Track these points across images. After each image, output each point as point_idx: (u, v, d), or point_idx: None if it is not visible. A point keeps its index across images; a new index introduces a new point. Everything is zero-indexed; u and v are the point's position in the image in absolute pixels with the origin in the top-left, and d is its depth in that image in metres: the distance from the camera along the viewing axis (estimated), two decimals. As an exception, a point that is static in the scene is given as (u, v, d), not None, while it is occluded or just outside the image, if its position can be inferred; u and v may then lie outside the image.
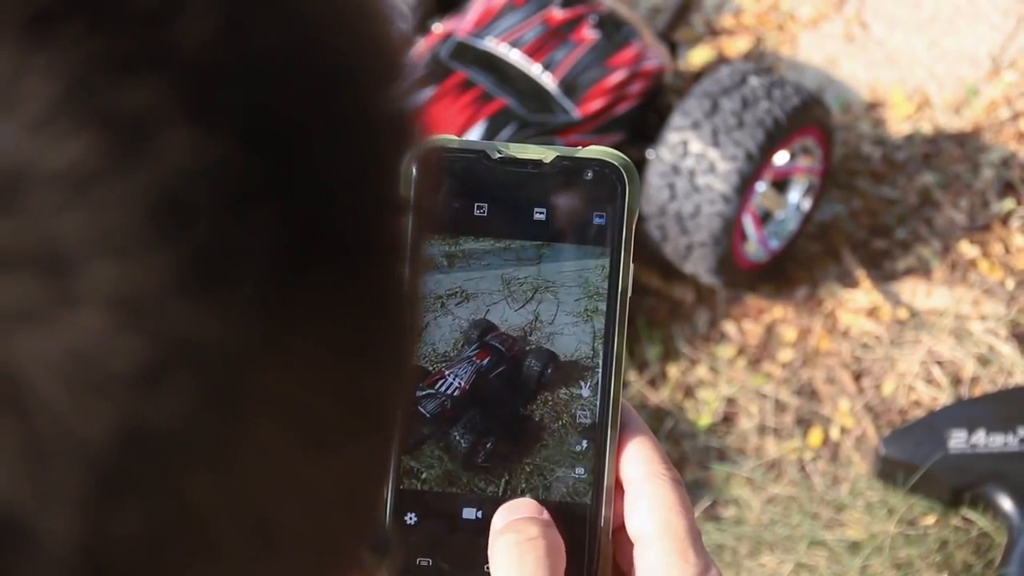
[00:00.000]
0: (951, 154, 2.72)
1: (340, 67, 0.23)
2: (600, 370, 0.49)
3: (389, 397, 0.25)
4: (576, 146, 0.50)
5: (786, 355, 2.47)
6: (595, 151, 0.49)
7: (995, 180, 2.67)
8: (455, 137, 0.50)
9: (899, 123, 2.79)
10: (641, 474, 0.48)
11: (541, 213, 0.49)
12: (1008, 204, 2.63)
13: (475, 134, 2.29)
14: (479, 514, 0.49)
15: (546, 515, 0.49)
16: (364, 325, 0.23)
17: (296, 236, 0.21)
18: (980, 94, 2.81)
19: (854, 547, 2.18)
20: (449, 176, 0.49)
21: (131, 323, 0.19)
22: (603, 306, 0.49)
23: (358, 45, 0.23)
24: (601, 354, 0.49)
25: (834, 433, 2.38)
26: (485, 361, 0.50)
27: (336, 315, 0.22)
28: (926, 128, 2.77)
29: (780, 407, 2.41)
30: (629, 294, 0.49)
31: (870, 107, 2.82)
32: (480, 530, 0.49)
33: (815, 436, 2.37)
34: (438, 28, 2.51)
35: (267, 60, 0.21)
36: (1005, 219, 2.62)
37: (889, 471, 2.16)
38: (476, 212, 0.49)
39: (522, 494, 0.49)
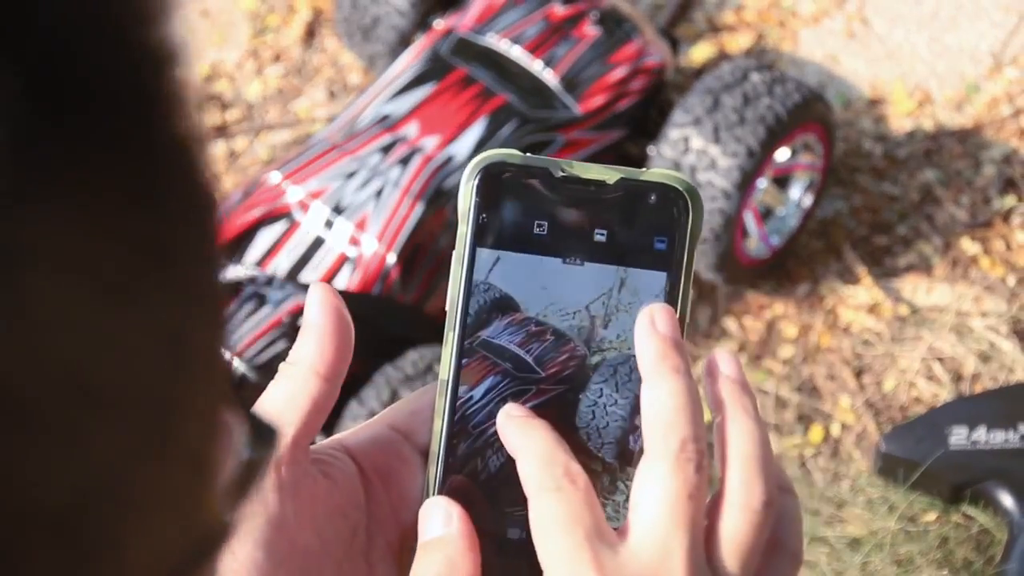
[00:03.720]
0: (952, 151, 2.72)
1: None
2: None
3: (189, 249, 0.24)
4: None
5: (787, 351, 2.47)
6: (659, 174, 0.48)
7: (996, 177, 2.67)
8: (519, 153, 0.49)
9: (900, 120, 2.79)
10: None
11: (602, 235, 0.48)
12: (1009, 201, 2.63)
13: (475, 131, 2.29)
14: (523, 535, 0.47)
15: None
16: (139, 173, 0.22)
17: (33, 83, 0.20)
18: (981, 91, 2.80)
19: (854, 544, 2.18)
20: (510, 192, 0.48)
21: None
22: None
23: None
24: None
25: (835, 430, 2.37)
26: (540, 380, 0.48)
27: (104, 163, 0.21)
28: (927, 125, 2.77)
29: (781, 404, 2.41)
30: (688, 320, 0.48)
31: (871, 104, 2.82)
32: (523, 551, 0.47)
33: (816, 433, 2.37)
34: (439, 24, 2.51)
35: None
36: (1006, 216, 2.62)
37: (890, 468, 2.16)
38: (536, 230, 0.48)
39: None
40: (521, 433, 0.47)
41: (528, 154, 0.48)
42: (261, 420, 0.29)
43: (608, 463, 0.48)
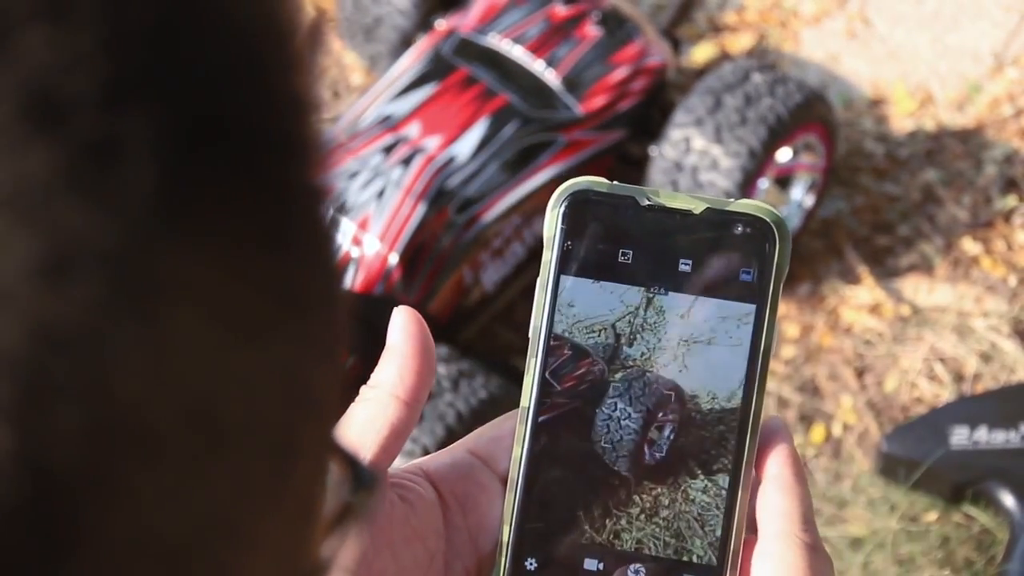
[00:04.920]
0: (954, 151, 2.73)
1: None
2: (736, 430, 0.48)
3: (316, 294, 0.24)
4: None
5: (788, 352, 2.47)
6: (747, 205, 0.48)
7: (998, 177, 2.67)
8: (605, 180, 0.49)
9: (902, 120, 2.79)
10: (773, 531, 0.47)
11: (687, 264, 0.48)
12: (1011, 201, 2.63)
13: (477, 131, 2.29)
14: (600, 566, 0.48)
15: None
16: (274, 217, 0.22)
17: (182, 123, 0.20)
18: (983, 91, 2.81)
19: (856, 543, 2.19)
20: (595, 220, 0.48)
21: (19, 221, 0.19)
22: (744, 363, 0.48)
23: None
24: (739, 413, 0.48)
25: (836, 430, 2.38)
26: (623, 407, 0.49)
27: (242, 205, 0.22)
28: (929, 125, 2.77)
29: (782, 403, 2.42)
30: (772, 354, 0.48)
31: (873, 104, 2.83)
32: None
33: (817, 432, 2.37)
34: (441, 25, 2.52)
35: None
36: (1008, 216, 2.62)
37: (891, 467, 2.17)
38: (620, 258, 0.48)
39: (648, 550, 0.48)
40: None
41: (615, 182, 0.48)
42: (362, 465, 0.30)
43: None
